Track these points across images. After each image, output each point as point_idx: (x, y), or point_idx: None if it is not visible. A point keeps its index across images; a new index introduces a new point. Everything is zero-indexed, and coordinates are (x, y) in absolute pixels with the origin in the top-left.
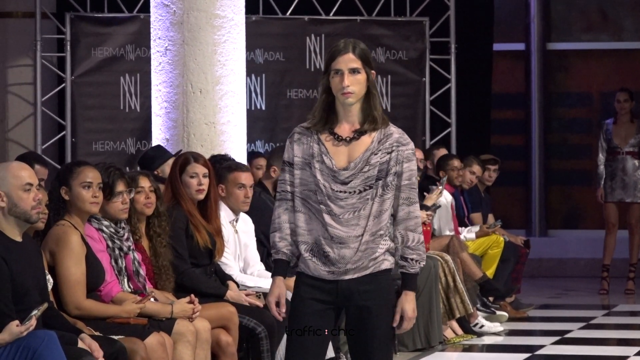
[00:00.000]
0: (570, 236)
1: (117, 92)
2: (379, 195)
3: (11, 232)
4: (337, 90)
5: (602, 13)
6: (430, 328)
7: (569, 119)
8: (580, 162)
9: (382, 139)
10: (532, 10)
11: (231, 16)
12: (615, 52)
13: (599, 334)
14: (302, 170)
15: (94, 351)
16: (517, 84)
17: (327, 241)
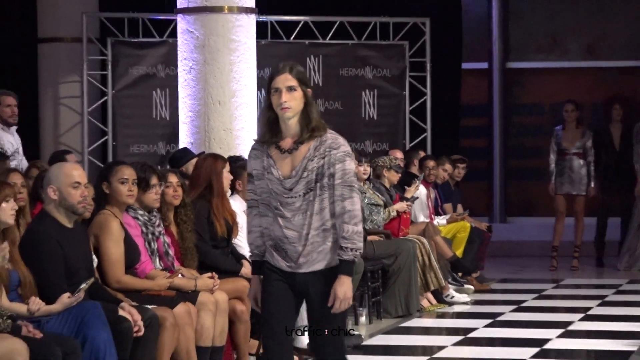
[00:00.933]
0: (525, 222)
1: (150, 104)
2: (318, 195)
3: (63, 220)
4: (277, 106)
5: (552, 37)
6: (410, 299)
7: (525, 125)
8: (534, 161)
9: (317, 146)
10: (494, 35)
11: (244, 40)
12: (562, 69)
13: (549, 303)
14: (260, 180)
15: (134, 316)
16: (481, 97)
17: (284, 240)
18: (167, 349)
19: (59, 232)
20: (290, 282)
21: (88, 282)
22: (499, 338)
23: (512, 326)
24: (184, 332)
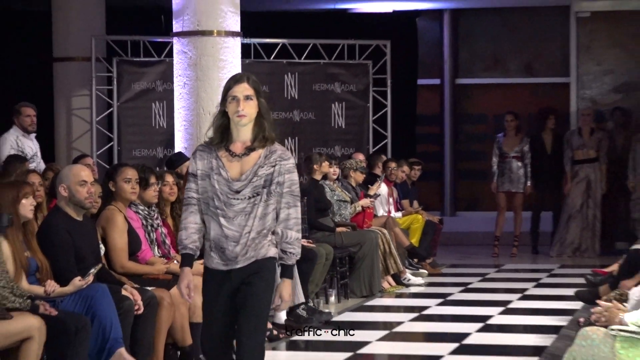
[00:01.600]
0: (472, 216)
1: (150, 114)
2: (264, 200)
3: (73, 214)
4: (233, 113)
5: (494, 57)
6: (373, 281)
7: (471, 133)
8: (479, 163)
9: (268, 155)
10: (445, 55)
11: (231, 60)
12: (503, 85)
13: (492, 284)
14: (203, 180)
15: (135, 296)
16: (434, 108)
17: (223, 239)
18: (165, 325)
19: (69, 224)
20: (227, 280)
21: (96, 268)
22: (448, 315)
23: (460, 304)
24: (179, 310)
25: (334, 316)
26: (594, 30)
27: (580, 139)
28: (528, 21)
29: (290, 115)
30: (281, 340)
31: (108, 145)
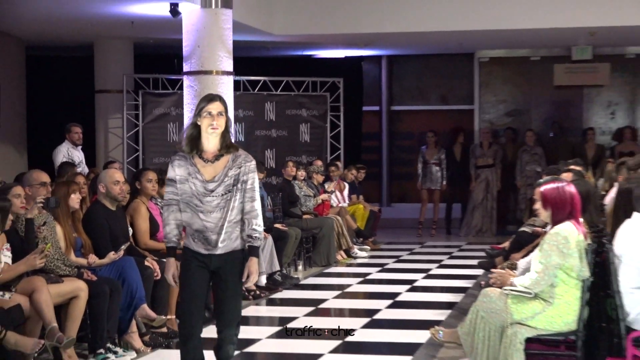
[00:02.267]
0: (402, 207)
1: (166, 132)
2: (234, 196)
3: (109, 205)
4: (208, 125)
5: (419, 90)
6: (330, 254)
7: (402, 146)
8: (408, 168)
9: (234, 159)
10: (383, 88)
11: (225, 92)
12: (426, 110)
13: (417, 257)
14: (182, 184)
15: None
16: (375, 128)
17: (205, 230)
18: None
19: (106, 213)
20: (207, 263)
21: (126, 245)
22: (385, 279)
23: (394, 272)
24: None
25: (301, 280)
26: (491, 71)
27: (481, 150)
28: (443, 64)
29: (269, 132)
30: (262, 298)
31: (135, 154)
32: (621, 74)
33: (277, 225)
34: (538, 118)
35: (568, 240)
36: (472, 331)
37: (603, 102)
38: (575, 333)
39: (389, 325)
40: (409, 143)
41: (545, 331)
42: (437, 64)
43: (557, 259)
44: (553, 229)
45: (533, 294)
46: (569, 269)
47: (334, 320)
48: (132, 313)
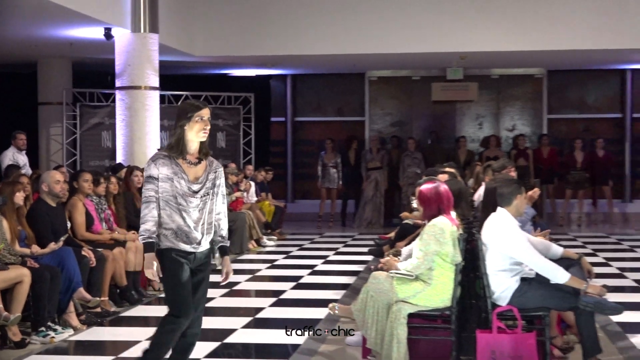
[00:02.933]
0: (304, 202)
1: (100, 139)
2: (210, 198)
3: (50, 202)
4: (200, 130)
5: (318, 104)
6: (243, 243)
7: (304, 151)
8: (310, 169)
9: (209, 164)
10: (288, 102)
11: (153, 104)
12: (325, 121)
13: (317, 245)
14: (164, 182)
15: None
16: (281, 135)
17: (186, 228)
18: (109, 273)
19: (47, 209)
20: (191, 260)
21: (65, 236)
22: (290, 264)
23: (297, 258)
24: (119, 263)
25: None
26: (379, 88)
27: (371, 155)
28: (339, 82)
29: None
30: None
31: (73, 158)
32: (487, 91)
33: None
34: (418, 128)
35: (443, 231)
36: (364, 308)
37: (472, 115)
38: (450, 309)
39: (293, 303)
40: (310, 149)
41: (424, 307)
42: (334, 81)
43: (435, 246)
44: (431, 221)
45: (414, 276)
46: (445, 255)
47: (246, 300)
48: (70, 295)
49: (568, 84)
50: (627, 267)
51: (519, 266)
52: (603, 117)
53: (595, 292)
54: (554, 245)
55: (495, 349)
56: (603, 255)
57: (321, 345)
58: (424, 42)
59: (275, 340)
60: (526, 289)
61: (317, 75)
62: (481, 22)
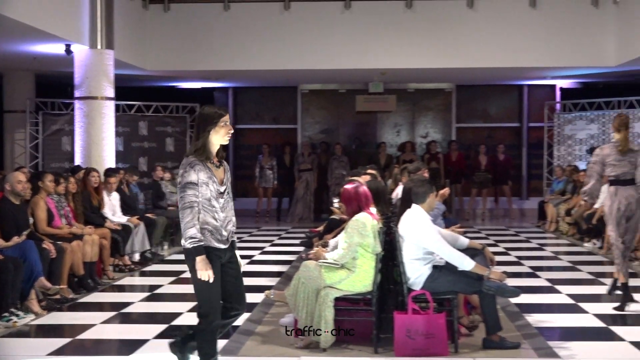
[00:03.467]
0: (245, 200)
1: (60, 144)
2: (231, 197)
3: (14, 200)
4: (225, 133)
5: (257, 113)
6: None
7: (244, 155)
8: (249, 171)
9: (224, 166)
10: (230, 110)
11: (108, 113)
12: (263, 129)
13: (255, 238)
14: (201, 187)
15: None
16: None
17: (219, 227)
18: (68, 263)
19: (11, 206)
20: (222, 256)
21: (27, 231)
22: None
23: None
24: (76, 254)
25: (166, 257)
26: (310, 99)
27: (303, 158)
28: (275, 94)
29: (142, 144)
30: (136, 271)
31: (35, 161)
32: (404, 103)
33: (148, 214)
34: (344, 135)
35: (365, 225)
36: (295, 293)
37: (391, 124)
38: (371, 293)
39: None
40: (249, 153)
41: (349, 292)
42: (270, 93)
43: (358, 238)
44: (354, 217)
45: (340, 265)
46: (366, 246)
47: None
48: (32, 284)
49: (474, 97)
50: (524, 255)
51: (431, 255)
52: (503, 126)
53: (497, 277)
54: (461, 237)
55: (411, 327)
56: (503, 245)
57: (258, 327)
58: (349, 59)
59: None
60: (437, 275)
61: (255, 88)
62: (399, 43)
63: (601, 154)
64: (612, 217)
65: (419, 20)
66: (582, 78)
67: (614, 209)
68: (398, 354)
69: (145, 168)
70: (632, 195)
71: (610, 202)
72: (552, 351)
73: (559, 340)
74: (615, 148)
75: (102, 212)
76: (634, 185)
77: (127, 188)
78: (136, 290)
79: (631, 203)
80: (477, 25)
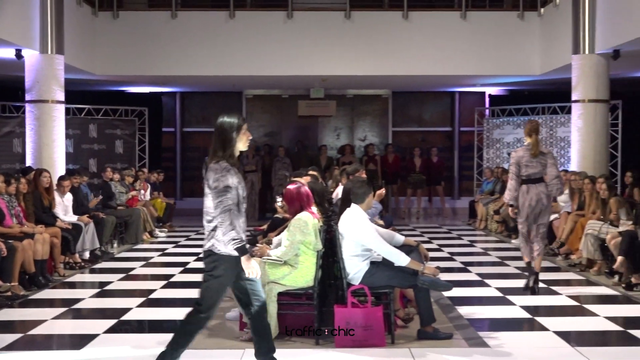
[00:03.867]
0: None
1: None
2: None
3: None
4: (247, 139)
5: (203, 116)
6: (138, 234)
7: (190, 157)
8: (196, 172)
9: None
10: (177, 114)
11: (59, 115)
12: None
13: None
14: (235, 190)
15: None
16: (172, 143)
17: (240, 231)
18: (19, 261)
19: None
20: (239, 263)
21: None
22: (179, 252)
23: (185, 247)
24: (27, 253)
25: (116, 254)
26: (254, 104)
27: (248, 160)
28: (221, 98)
29: (92, 146)
30: (86, 268)
31: None
32: (344, 108)
33: (97, 214)
34: (287, 138)
35: (307, 224)
36: None
37: (331, 127)
38: (313, 288)
39: (181, 286)
40: (196, 155)
41: (292, 287)
42: (216, 98)
43: (300, 236)
44: (296, 216)
45: (283, 261)
46: (308, 243)
47: (140, 283)
48: None
49: (409, 103)
50: (456, 251)
51: (369, 252)
52: (436, 130)
53: (430, 272)
54: (397, 234)
55: (350, 320)
56: (437, 242)
57: None
58: (291, 66)
59: (166, 316)
60: (375, 270)
61: (202, 93)
62: (339, 51)
63: (516, 156)
64: (524, 212)
65: (357, 30)
66: (509, 86)
67: (526, 205)
68: (338, 345)
69: (95, 169)
70: (542, 191)
71: (522, 199)
72: (482, 341)
73: (488, 330)
74: (528, 151)
75: (53, 211)
76: (543, 183)
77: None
78: (86, 286)
79: (542, 199)
80: (411, 36)
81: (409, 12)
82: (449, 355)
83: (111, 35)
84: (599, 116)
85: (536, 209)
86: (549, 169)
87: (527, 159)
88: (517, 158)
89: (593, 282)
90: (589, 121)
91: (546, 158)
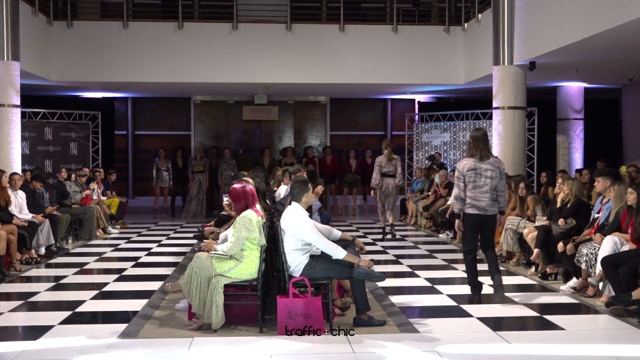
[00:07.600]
0: (143, 199)
1: None
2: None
3: None
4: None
5: (154, 120)
6: (92, 231)
7: (142, 158)
8: (147, 173)
9: None
10: (129, 118)
11: (15, 119)
12: (159, 135)
13: (152, 232)
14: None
15: None
16: (124, 145)
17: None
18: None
19: None
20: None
21: None
22: (131, 247)
23: (137, 242)
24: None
25: (70, 250)
26: (202, 109)
27: (196, 161)
28: (171, 103)
29: (48, 148)
30: (42, 263)
31: None
32: (285, 113)
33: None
34: (233, 140)
35: (251, 221)
36: (189, 281)
37: (274, 131)
38: (257, 280)
39: (133, 279)
40: (147, 156)
41: (237, 279)
42: (167, 103)
43: (245, 233)
44: (241, 213)
45: (229, 255)
46: (252, 239)
47: (94, 277)
48: None
49: (345, 109)
50: (389, 245)
51: (309, 246)
52: (370, 134)
53: (365, 265)
54: (335, 229)
55: (291, 309)
56: (371, 237)
57: (155, 311)
58: (237, 74)
59: (119, 308)
60: (314, 263)
61: (153, 98)
62: (281, 61)
63: (377, 161)
64: (381, 196)
65: (297, 41)
66: (437, 94)
67: (382, 191)
68: (280, 333)
69: (50, 170)
70: (390, 183)
71: (379, 188)
72: (412, 327)
73: (418, 317)
74: (386, 157)
75: (9, 209)
76: (393, 177)
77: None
78: (42, 280)
79: (390, 186)
80: (347, 47)
81: (345, 25)
82: (383, 340)
83: (66, 44)
84: (517, 122)
85: (386, 193)
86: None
87: (385, 162)
88: (378, 162)
89: (512, 272)
90: (508, 126)
91: (396, 161)
